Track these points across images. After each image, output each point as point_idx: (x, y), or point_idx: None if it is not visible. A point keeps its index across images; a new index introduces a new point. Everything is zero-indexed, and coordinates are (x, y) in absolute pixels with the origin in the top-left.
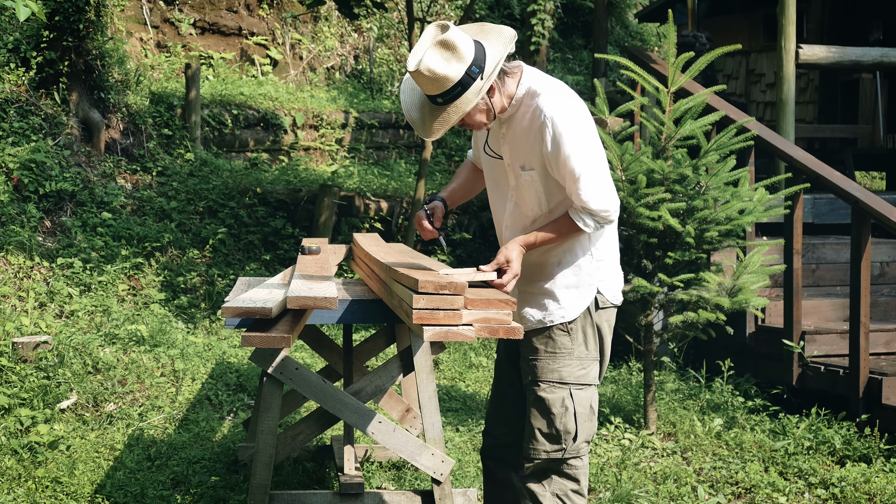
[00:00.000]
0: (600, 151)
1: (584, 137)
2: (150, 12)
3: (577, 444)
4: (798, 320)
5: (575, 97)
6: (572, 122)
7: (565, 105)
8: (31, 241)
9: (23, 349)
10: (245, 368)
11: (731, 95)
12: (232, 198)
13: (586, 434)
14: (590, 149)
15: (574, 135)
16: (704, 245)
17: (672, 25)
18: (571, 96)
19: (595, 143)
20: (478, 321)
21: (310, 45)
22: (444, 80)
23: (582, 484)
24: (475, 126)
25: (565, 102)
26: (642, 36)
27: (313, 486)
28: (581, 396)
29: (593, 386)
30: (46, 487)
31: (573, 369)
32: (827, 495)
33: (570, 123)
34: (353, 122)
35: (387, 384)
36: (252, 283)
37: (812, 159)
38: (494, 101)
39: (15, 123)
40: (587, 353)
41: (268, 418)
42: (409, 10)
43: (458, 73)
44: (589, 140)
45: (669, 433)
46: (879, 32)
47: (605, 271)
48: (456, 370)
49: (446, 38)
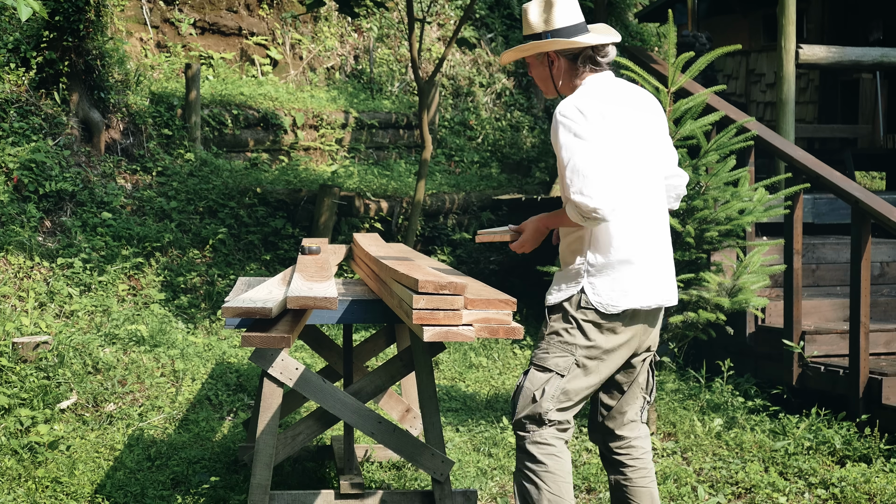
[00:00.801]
0: (597, 148)
1: (578, 131)
2: (150, 12)
3: (518, 419)
4: (798, 320)
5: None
6: (569, 116)
7: (573, 100)
8: (31, 241)
9: (23, 349)
10: (245, 368)
11: (731, 95)
12: (232, 198)
13: (527, 412)
14: (580, 142)
15: (567, 127)
16: (704, 245)
17: (672, 25)
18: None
19: (591, 139)
20: (478, 321)
21: (310, 45)
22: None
23: (539, 467)
24: (540, 86)
25: (576, 98)
26: (642, 36)
27: (313, 486)
28: (536, 377)
29: (554, 374)
30: (46, 487)
31: (539, 351)
32: (827, 495)
33: (567, 116)
34: (353, 122)
35: (387, 384)
36: (252, 283)
37: (812, 159)
38: (554, 73)
39: (15, 123)
40: (559, 341)
41: (268, 418)
42: (409, 10)
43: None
44: (583, 134)
45: (669, 433)
46: (879, 32)
47: (601, 277)
48: (456, 370)
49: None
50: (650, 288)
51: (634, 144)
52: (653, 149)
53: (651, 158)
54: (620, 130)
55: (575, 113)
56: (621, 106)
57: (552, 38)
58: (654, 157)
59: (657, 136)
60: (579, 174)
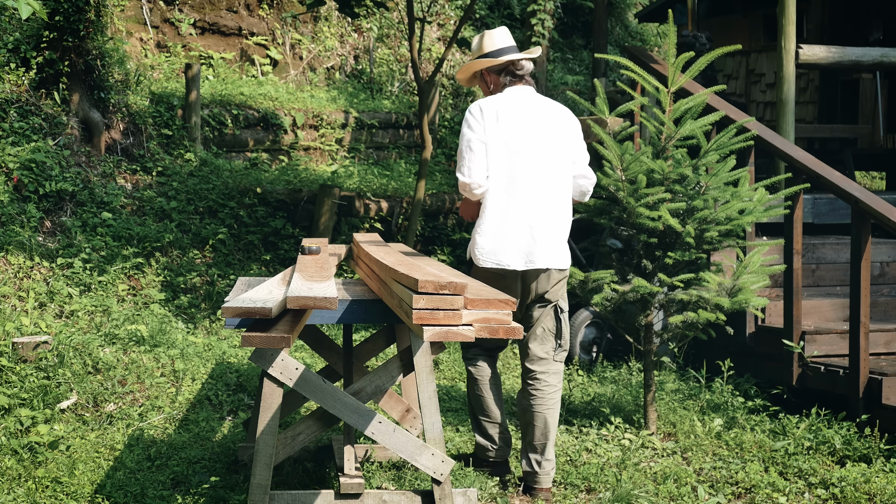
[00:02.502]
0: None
1: (472, 124)
2: (150, 12)
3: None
4: (798, 320)
5: (492, 101)
6: (471, 112)
7: (479, 102)
8: (31, 241)
9: (23, 349)
10: (245, 368)
11: (731, 95)
12: (232, 198)
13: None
14: (470, 133)
15: (466, 121)
16: (704, 245)
17: (672, 25)
18: (490, 99)
19: (478, 132)
20: (478, 321)
21: (310, 45)
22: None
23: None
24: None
25: (482, 101)
26: (642, 36)
27: (313, 486)
28: None
29: None
30: (46, 487)
31: None
32: (827, 495)
33: (470, 112)
34: (353, 122)
35: (387, 384)
36: (252, 283)
37: (812, 159)
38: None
39: (15, 123)
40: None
41: (268, 418)
42: (410, 10)
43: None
44: (475, 127)
45: (669, 433)
46: (879, 32)
47: (479, 240)
48: (456, 370)
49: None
50: (515, 254)
51: (524, 142)
52: (546, 148)
53: (542, 155)
54: (511, 129)
55: (476, 110)
56: (522, 112)
57: (481, 59)
58: (547, 155)
59: (555, 139)
60: (461, 157)
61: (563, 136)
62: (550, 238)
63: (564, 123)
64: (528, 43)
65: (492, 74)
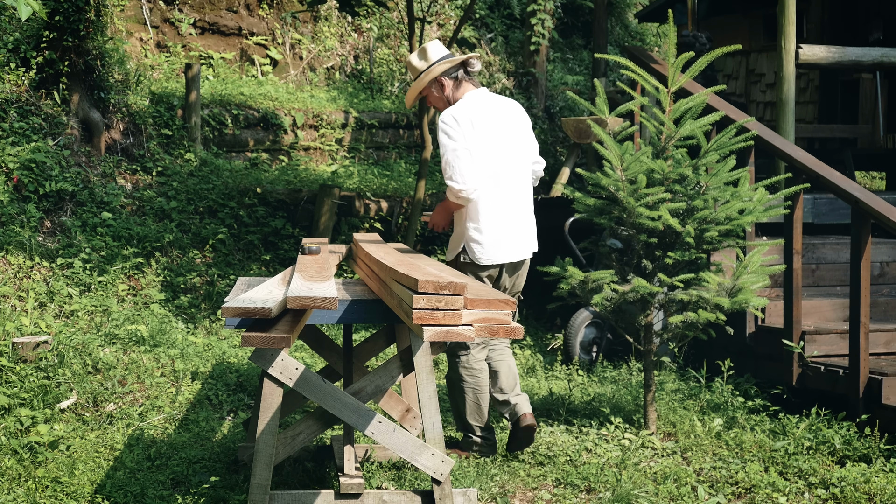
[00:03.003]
0: (464, 146)
1: (451, 133)
2: (150, 12)
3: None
4: (798, 320)
5: (462, 108)
6: (447, 122)
7: (451, 111)
8: (31, 241)
9: (23, 349)
10: (245, 368)
11: (731, 95)
12: (232, 198)
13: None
14: (452, 142)
15: (444, 131)
16: (704, 245)
17: (672, 25)
18: (460, 108)
19: (460, 140)
20: (478, 321)
21: (310, 45)
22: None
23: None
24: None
25: (454, 109)
26: (642, 36)
27: (313, 486)
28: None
29: None
30: (46, 487)
31: None
32: (827, 495)
33: (445, 122)
34: (353, 122)
35: (387, 384)
36: (252, 283)
37: (812, 159)
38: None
39: (15, 123)
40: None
41: (268, 418)
42: (410, 9)
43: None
44: (455, 136)
45: (669, 433)
46: (879, 32)
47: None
48: None
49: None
50: (509, 248)
51: (498, 142)
52: (516, 144)
53: (514, 152)
54: (486, 133)
55: (451, 120)
56: (490, 114)
57: (436, 65)
58: (517, 151)
59: (519, 134)
60: (450, 165)
61: (525, 132)
62: (531, 227)
63: (523, 118)
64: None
65: (448, 79)
